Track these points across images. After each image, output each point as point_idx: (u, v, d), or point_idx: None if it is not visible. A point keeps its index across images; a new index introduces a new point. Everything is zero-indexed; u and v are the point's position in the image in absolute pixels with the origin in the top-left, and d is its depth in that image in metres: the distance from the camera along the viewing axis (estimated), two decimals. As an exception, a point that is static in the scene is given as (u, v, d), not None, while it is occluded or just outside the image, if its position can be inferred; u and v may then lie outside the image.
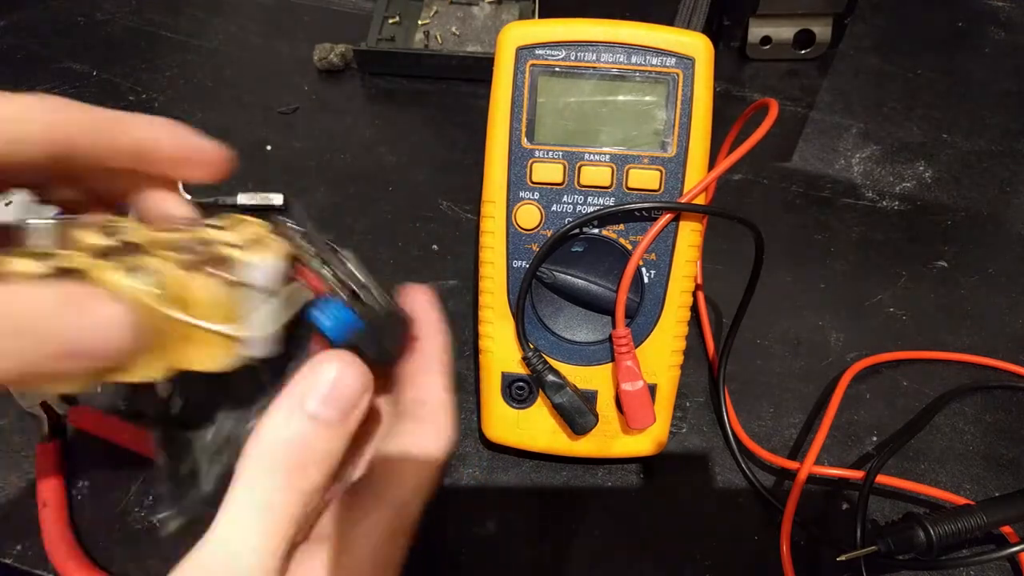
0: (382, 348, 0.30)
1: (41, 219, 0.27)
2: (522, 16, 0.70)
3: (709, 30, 0.68)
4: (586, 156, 0.42)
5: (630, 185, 0.42)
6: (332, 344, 0.28)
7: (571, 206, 0.43)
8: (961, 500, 0.45)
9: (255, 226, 0.28)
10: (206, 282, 0.26)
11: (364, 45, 0.67)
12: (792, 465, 0.47)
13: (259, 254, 0.27)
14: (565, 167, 0.42)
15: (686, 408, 0.51)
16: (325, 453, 0.26)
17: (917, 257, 0.58)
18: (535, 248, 0.43)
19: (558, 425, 0.45)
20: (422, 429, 0.31)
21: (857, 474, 0.46)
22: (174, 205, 0.31)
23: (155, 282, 0.25)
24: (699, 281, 0.54)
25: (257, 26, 0.72)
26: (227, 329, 0.26)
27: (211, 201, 0.59)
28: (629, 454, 0.46)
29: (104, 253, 0.26)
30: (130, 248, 0.26)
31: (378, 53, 0.67)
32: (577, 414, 0.43)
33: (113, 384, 0.26)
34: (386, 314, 0.30)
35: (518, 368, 0.45)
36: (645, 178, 0.42)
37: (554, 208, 0.43)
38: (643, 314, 0.44)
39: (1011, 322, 0.55)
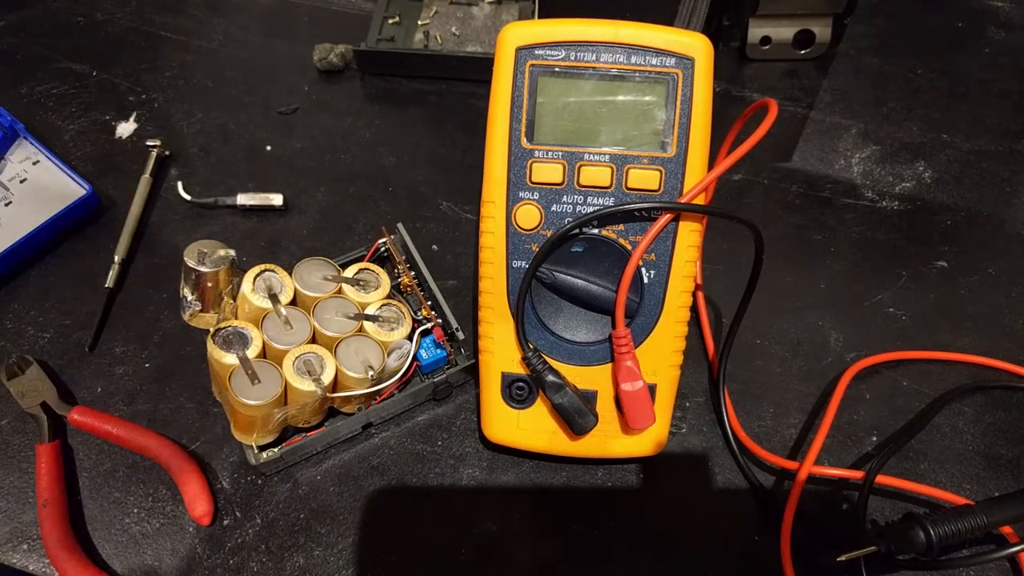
0: None
1: None
2: (522, 16, 0.70)
3: (709, 30, 0.68)
4: (586, 156, 0.42)
5: (630, 185, 0.42)
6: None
7: (571, 206, 0.43)
8: (961, 500, 0.45)
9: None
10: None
11: (364, 45, 0.67)
12: (792, 465, 0.47)
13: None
14: (565, 167, 0.42)
15: (686, 408, 0.51)
16: None
17: (917, 257, 0.58)
18: (535, 248, 0.43)
19: (558, 425, 0.45)
20: None
21: (857, 474, 0.46)
22: None
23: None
24: (699, 281, 0.54)
25: (257, 26, 0.72)
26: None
27: (211, 201, 0.59)
28: (629, 454, 0.46)
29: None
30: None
31: (378, 53, 0.67)
32: (577, 414, 0.43)
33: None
34: None
35: (518, 368, 0.45)
36: (645, 178, 0.42)
37: (554, 208, 0.43)
38: (643, 314, 0.44)
39: (1011, 322, 0.55)
